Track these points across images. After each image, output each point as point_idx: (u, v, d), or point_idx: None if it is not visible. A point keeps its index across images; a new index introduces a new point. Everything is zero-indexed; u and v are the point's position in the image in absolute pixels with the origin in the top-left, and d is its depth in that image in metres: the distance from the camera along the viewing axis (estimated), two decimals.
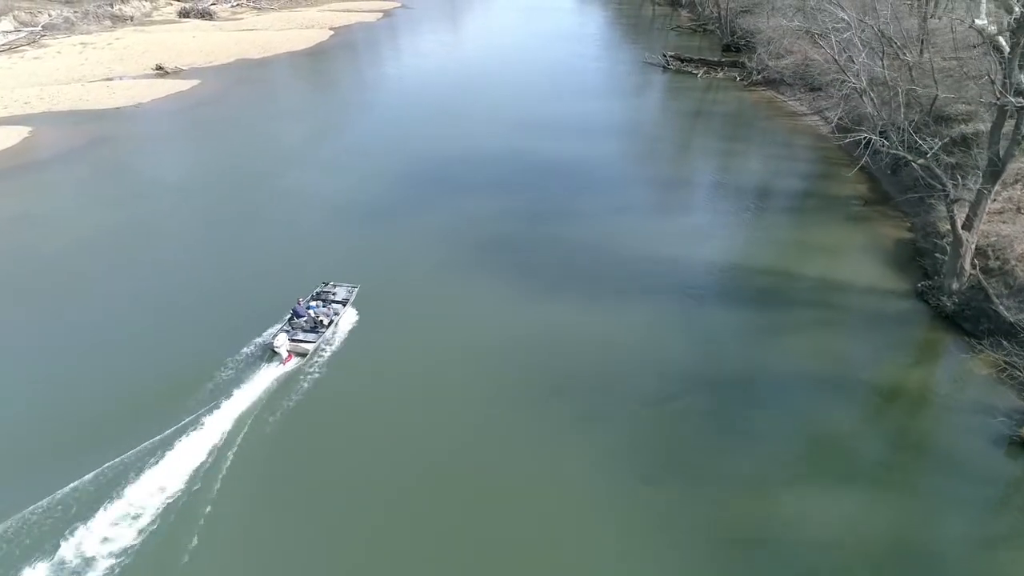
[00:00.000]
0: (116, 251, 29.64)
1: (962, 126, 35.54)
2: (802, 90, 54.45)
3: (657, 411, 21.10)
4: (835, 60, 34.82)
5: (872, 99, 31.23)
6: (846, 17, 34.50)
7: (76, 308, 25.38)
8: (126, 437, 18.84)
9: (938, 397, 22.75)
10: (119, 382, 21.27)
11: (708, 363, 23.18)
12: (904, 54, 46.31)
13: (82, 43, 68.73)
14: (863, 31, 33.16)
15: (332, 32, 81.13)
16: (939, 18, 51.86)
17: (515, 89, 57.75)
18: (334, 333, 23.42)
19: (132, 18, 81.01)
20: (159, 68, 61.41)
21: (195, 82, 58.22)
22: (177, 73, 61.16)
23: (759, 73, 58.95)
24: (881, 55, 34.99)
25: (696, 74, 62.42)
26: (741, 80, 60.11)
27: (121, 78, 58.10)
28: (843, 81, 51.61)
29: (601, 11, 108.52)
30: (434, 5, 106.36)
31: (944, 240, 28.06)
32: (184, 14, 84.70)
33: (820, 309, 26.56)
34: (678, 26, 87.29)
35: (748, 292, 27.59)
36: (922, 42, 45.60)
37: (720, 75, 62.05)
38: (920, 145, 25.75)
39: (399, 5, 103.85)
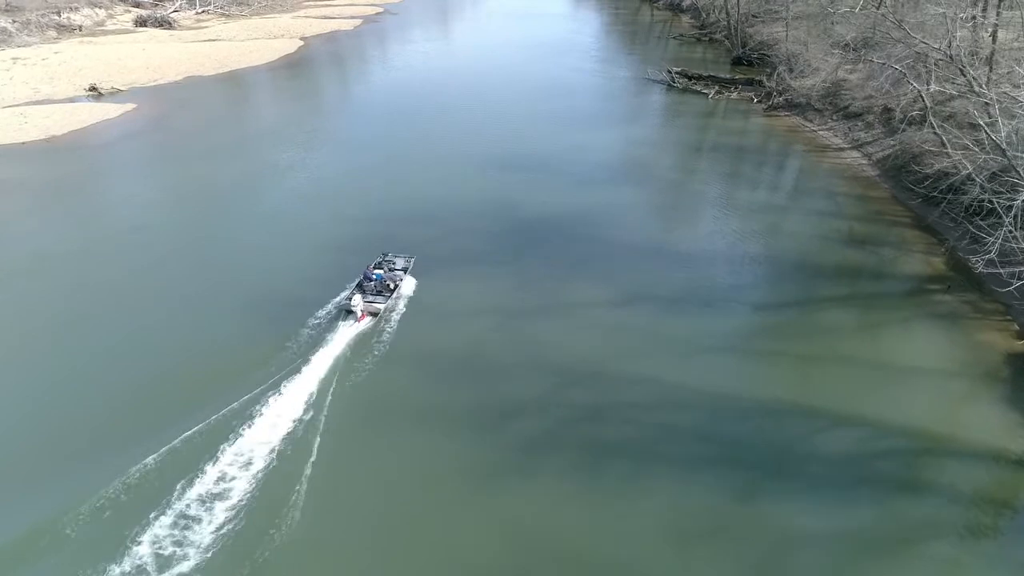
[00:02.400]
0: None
1: None
2: (834, 116, 44.98)
3: None
4: (1002, 150, 23.62)
5: None
6: None
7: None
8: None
9: None
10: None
11: None
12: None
13: (13, 58, 58.78)
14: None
15: (302, 43, 71.17)
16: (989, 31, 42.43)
17: (500, 116, 47.95)
18: (398, 297, 24.94)
19: (81, 28, 70.96)
20: (93, 89, 51.68)
21: (129, 107, 48.48)
22: (113, 95, 51.42)
23: (780, 94, 49.39)
24: None
25: (707, 94, 52.75)
26: (759, 102, 50.48)
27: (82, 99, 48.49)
28: (887, 108, 42.56)
29: (596, 16, 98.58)
30: (419, 11, 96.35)
31: None
32: (141, 23, 74.67)
33: (929, 500, 17.06)
34: (681, 35, 77.17)
35: (810, 463, 18.03)
36: (990, 67, 36.08)
37: (734, 95, 52.41)
38: None
39: (381, 11, 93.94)
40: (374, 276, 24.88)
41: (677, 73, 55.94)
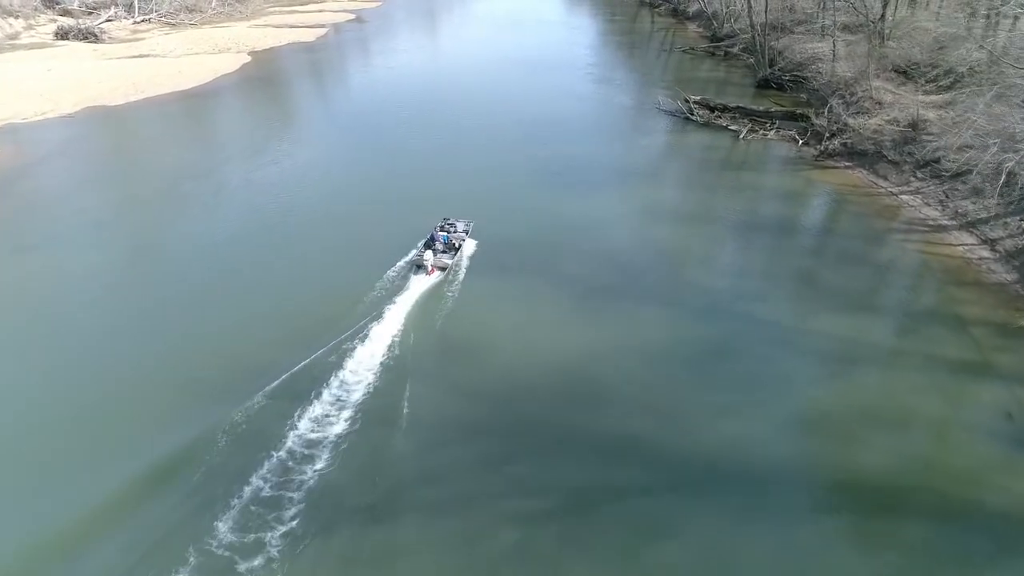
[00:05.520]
0: None
1: None
2: (918, 174, 31.70)
3: None
4: None
5: None
6: None
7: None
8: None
9: None
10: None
11: None
12: None
13: None
14: None
15: (249, 58, 57.41)
16: None
17: (469, 177, 33.61)
18: (462, 256, 24.93)
19: None
20: None
21: None
22: None
23: (833, 136, 36.15)
24: None
25: (736, 131, 39.39)
26: (805, 144, 37.27)
27: None
28: (1002, 170, 29.33)
29: (589, 22, 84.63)
30: (396, 17, 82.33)
31: None
32: (62, 35, 60.75)
33: None
34: (690, 48, 63.36)
35: None
36: None
37: (771, 135, 39.13)
38: None
39: (352, 18, 79.93)
40: (441, 237, 24.98)
41: (696, 103, 42.58)
